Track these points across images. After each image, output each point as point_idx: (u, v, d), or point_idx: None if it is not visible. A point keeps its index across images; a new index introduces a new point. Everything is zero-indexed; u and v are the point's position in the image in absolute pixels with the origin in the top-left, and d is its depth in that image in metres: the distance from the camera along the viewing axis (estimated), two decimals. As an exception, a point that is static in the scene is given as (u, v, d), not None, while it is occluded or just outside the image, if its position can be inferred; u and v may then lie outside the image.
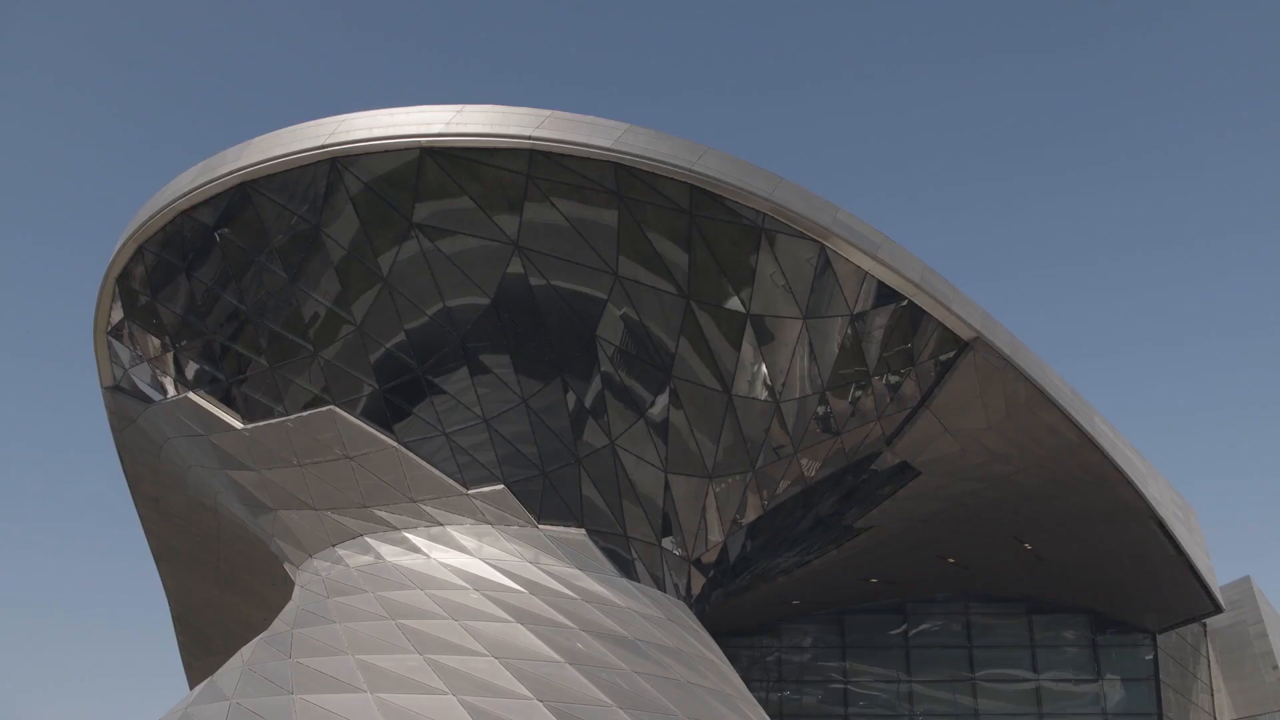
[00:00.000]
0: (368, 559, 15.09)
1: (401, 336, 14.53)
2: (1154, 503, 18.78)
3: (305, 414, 15.23)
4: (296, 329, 14.86)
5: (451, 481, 14.85)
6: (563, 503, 14.97)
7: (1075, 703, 25.32)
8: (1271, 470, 67.45)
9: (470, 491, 14.83)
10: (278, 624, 14.41)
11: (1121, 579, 23.11)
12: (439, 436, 14.83)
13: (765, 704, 20.57)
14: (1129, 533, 20.16)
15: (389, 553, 14.98)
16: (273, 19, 67.87)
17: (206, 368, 16.07)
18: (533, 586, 14.01)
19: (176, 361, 16.34)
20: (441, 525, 14.94)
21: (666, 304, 14.35)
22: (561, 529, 14.93)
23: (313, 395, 15.16)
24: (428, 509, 14.99)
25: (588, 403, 14.89)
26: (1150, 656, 25.18)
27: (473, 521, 14.86)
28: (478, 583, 14.01)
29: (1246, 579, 25.49)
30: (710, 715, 12.99)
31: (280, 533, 16.69)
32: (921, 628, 26.32)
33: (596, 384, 14.82)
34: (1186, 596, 22.70)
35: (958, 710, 25.56)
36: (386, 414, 14.94)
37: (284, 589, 16.76)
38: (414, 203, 13.72)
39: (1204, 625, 25.65)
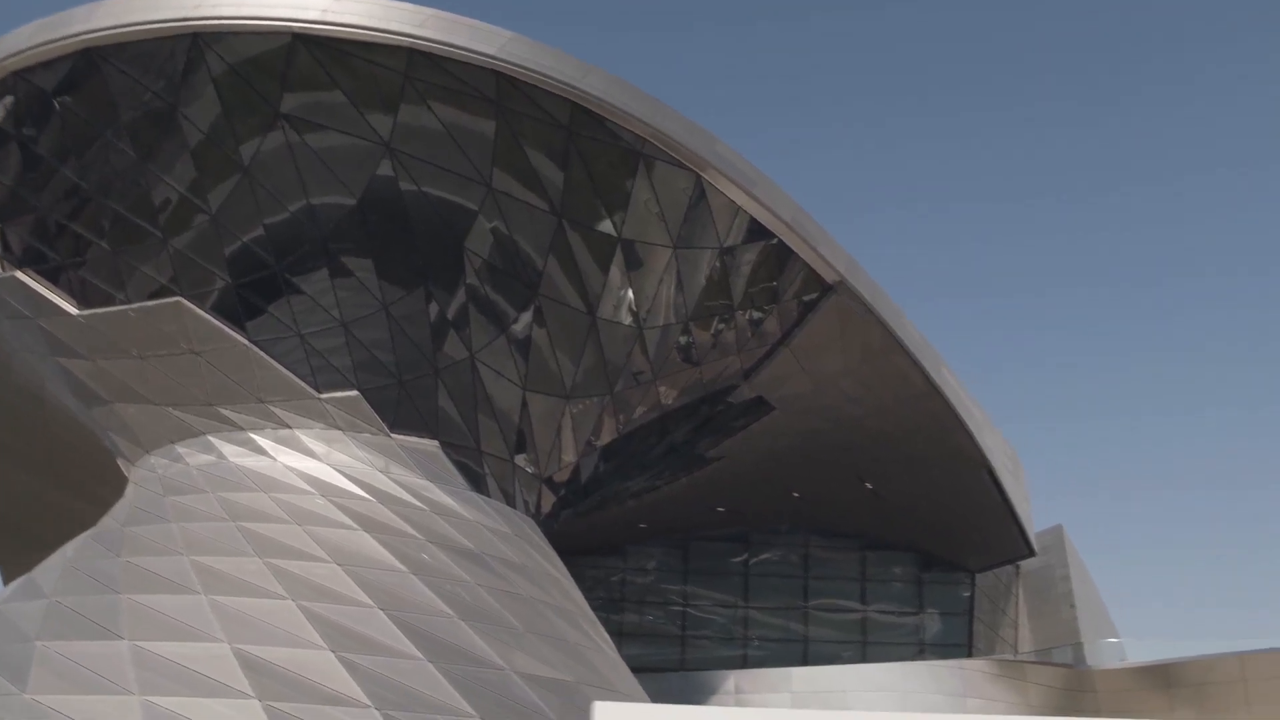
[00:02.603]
0: (209, 458, 14.58)
1: (260, 231, 13.90)
2: (987, 452, 19.94)
3: (149, 304, 14.46)
4: (145, 213, 14.01)
5: (303, 384, 14.44)
6: (417, 413, 14.78)
7: (896, 633, 26.99)
8: (1084, 417, 71.89)
9: (322, 396, 14.46)
10: (107, 520, 13.87)
11: (950, 521, 24.55)
12: (293, 337, 14.35)
13: (606, 623, 20.99)
14: (961, 479, 21.37)
15: (232, 453, 14.50)
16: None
17: (38, 245, 15.00)
18: (381, 495, 13.86)
19: (3, 236, 15.19)
20: (290, 428, 14.54)
21: (538, 221, 14.16)
22: (414, 439, 14.76)
23: (159, 285, 14.39)
24: (276, 411, 14.55)
25: (450, 314, 14.64)
26: (968, 594, 27.02)
27: (323, 426, 14.51)
28: (324, 488, 13.76)
29: (1059, 527, 27.49)
30: (551, 630, 13.24)
31: (115, 427, 15.92)
32: (762, 557, 27.36)
33: (461, 296, 14.57)
34: (1006, 541, 24.35)
35: (789, 636, 26.84)
36: (239, 310, 14.34)
37: (117, 485, 16.06)
38: (282, 92, 13.06)
39: (1017, 567, 27.60)
